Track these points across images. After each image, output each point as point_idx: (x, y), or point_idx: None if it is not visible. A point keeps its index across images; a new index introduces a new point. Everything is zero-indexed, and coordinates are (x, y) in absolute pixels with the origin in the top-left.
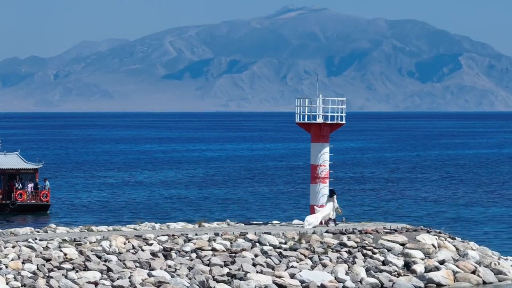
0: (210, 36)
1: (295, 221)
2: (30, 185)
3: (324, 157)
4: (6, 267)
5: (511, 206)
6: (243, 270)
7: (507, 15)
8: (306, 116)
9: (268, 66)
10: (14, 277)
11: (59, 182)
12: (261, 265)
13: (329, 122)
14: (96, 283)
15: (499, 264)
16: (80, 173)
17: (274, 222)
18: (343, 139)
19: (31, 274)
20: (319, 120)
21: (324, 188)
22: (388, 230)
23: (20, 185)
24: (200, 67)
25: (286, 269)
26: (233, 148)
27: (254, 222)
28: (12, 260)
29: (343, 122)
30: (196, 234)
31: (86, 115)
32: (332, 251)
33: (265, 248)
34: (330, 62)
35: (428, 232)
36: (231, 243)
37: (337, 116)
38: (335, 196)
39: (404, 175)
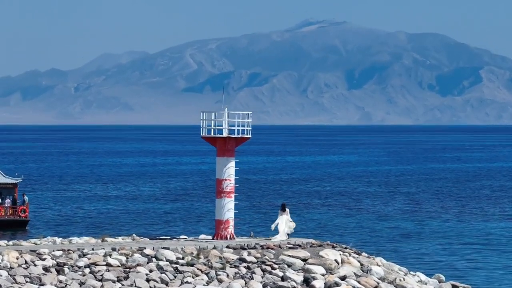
0: (230, 49)
1: (202, 236)
2: (8, 200)
3: (229, 171)
4: None
5: (465, 222)
6: (135, 286)
7: None
8: (212, 130)
9: (288, 79)
10: None
11: (40, 196)
12: (155, 280)
13: (234, 136)
14: None
15: (404, 280)
16: (61, 186)
17: (182, 237)
18: (341, 152)
19: None
20: (224, 134)
21: (229, 203)
22: (291, 246)
23: (0, 200)
24: (221, 80)
25: (180, 285)
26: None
27: (161, 237)
28: None
29: (249, 136)
30: (93, 249)
31: (102, 128)
32: (230, 267)
33: (161, 263)
34: (351, 75)
35: (333, 247)
36: (127, 258)
37: (243, 130)
38: (287, 210)
39: (371, 189)
